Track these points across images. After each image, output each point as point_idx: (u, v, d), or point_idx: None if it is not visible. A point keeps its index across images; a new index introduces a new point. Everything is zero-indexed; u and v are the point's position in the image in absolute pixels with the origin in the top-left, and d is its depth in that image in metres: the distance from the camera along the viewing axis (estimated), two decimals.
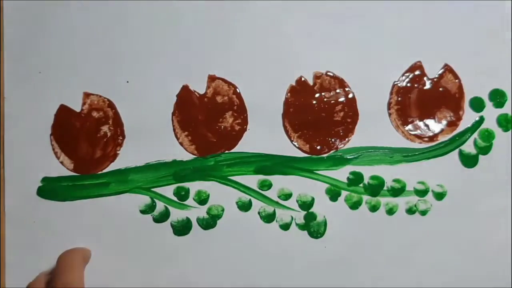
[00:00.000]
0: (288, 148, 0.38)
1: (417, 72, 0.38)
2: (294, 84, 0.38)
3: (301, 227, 0.39)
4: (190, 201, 0.39)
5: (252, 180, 0.38)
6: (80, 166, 0.39)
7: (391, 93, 0.38)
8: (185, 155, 0.39)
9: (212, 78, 0.38)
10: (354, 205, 0.38)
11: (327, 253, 0.38)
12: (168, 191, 0.39)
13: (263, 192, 0.38)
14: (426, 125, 0.38)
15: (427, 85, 0.38)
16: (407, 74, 0.38)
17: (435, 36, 0.38)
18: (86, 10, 0.38)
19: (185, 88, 0.38)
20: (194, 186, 0.39)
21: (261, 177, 0.38)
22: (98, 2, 0.38)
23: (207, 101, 0.39)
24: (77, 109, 0.39)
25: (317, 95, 0.38)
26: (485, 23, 0.38)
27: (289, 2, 0.38)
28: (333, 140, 0.38)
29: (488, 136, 0.38)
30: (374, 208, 0.38)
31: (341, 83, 0.38)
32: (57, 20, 0.38)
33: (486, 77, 0.38)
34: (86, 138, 0.39)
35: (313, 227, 0.39)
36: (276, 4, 0.38)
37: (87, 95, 0.39)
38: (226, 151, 0.39)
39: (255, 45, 0.38)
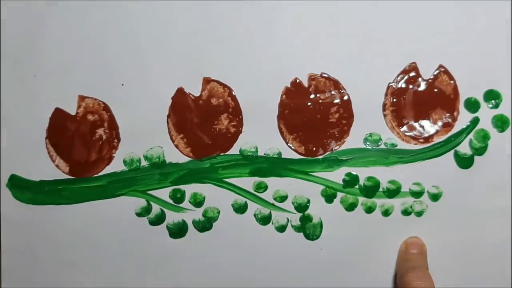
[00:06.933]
0: (283, 150, 0.38)
1: (412, 74, 0.38)
2: (289, 86, 0.38)
3: (297, 229, 0.39)
4: (186, 204, 0.39)
5: (247, 182, 0.38)
6: (76, 169, 0.39)
7: (386, 95, 0.38)
8: (181, 158, 0.39)
9: (207, 81, 0.38)
10: (350, 207, 0.38)
11: (323, 254, 0.39)
12: (163, 193, 0.39)
13: (258, 194, 0.39)
14: (421, 126, 0.38)
15: (422, 86, 0.38)
16: (402, 76, 0.38)
17: (430, 37, 0.38)
18: (81, 13, 0.38)
19: (180, 91, 0.38)
20: (189, 189, 0.39)
21: (257, 179, 0.38)
22: (93, 5, 0.38)
23: (202, 104, 0.39)
24: (72, 112, 0.39)
25: (312, 96, 0.38)
26: (479, 23, 0.38)
27: (283, 3, 0.38)
28: (328, 141, 0.38)
29: (483, 137, 0.38)
30: (369, 210, 0.38)
31: (336, 85, 0.38)
32: (51, 23, 0.38)
33: (481, 78, 0.38)
34: (81, 141, 0.39)
35: (309, 229, 0.39)
36: (271, 6, 0.38)
37: (82, 98, 0.39)
38: (222, 153, 0.39)
39: (249, 47, 0.38)
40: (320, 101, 0.38)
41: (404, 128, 0.38)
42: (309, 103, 0.38)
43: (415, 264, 0.36)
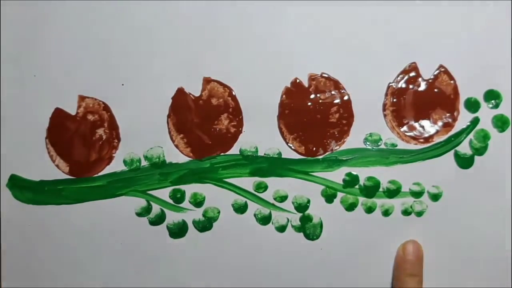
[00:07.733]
0: (283, 150, 0.38)
1: (412, 74, 0.38)
2: (289, 86, 0.38)
3: (297, 229, 0.39)
4: (186, 204, 0.39)
5: (247, 182, 0.38)
6: (76, 169, 0.39)
7: (386, 95, 0.38)
8: (181, 158, 0.39)
9: (207, 81, 0.38)
10: (350, 207, 0.38)
11: (323, 254, 0.38)
12: (164, 193, 0.39)
13: (258, 194, 0.38)
14: (422, 126, 0.38)
15: (422, 86, 0.38)
16: (402, 76, 0.38)
17: (430, 37, 0.38)
18: (82, 12, 0.38)
19: (180, 91, 0.38)
20: (189, 189, 0.39)
21: (257, 179, 0.38)
22: (93, 4, 0.38)
23: (202, 104, 0.39)
24: (72, 112, 0.39)
25: (312, 96, 0.38)
26: (479, 24, 0.38)
27: (284, 3, 0.38)
28: (328, 141, 0.38)
29: (483, 137, 0.38)
30: (369, 210, 0.38)
31: (336, 85, 0.38)
32: (51, 23, 0.38)
33: (481, 78, 0.38)
34: (81, 141, 0.39)
35: (309, 229, 0.39)
36: (271, 5, 0.38)
37: (82, 98, 0.39)
38: (222, 153, 0.39)
39: (250, 47, 0.38)
40: (320, 101, 0.38)
41: (404, 128, 0.38)
42: (309, 103, 0.38)
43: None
